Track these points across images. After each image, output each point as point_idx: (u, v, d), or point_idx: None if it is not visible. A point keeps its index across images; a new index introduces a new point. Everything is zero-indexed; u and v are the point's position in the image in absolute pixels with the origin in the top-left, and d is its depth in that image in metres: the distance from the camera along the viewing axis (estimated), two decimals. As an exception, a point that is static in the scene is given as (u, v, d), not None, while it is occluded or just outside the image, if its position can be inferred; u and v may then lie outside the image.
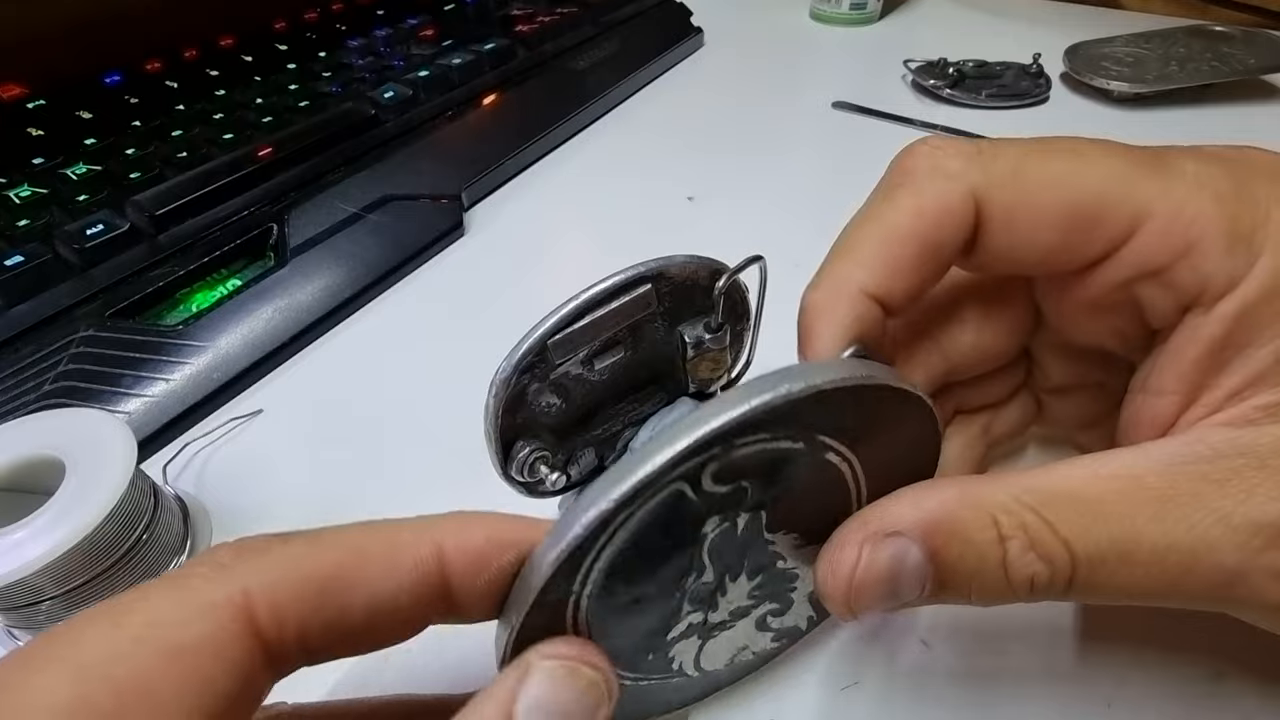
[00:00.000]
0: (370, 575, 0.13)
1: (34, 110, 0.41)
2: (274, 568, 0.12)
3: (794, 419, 0.14)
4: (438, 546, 0.13)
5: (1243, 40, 0.53)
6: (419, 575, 0.13)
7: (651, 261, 0.21)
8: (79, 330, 0.30)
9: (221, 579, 0.11)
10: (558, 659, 0.13)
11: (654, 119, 0.53)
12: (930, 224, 0.17)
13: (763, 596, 0.18)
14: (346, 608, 0.12)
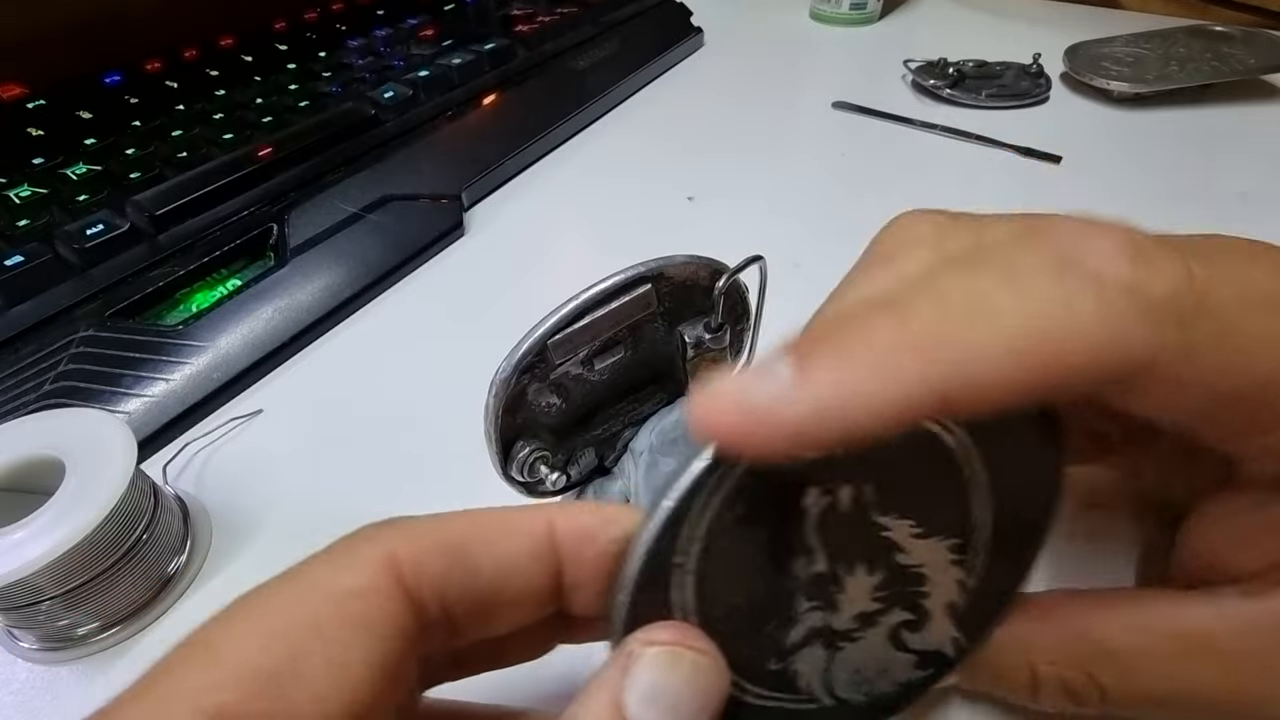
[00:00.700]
0: (493, 539, 0.13)
1: (34, 110, 0.41)
2: (410, 532, 0.13)
3: None
4: (548, 521, 0.14)
5: (1243, 40, 0.53)
6: (535, 542, 0.14)
7: (651, 261, 0.21)
8: (79, 330, 0.30)
9: (368, 541, 0.13)
10: (659, 644, 0.12)
11: (654, 119, 0.53)
12: None
13: (890, 600, 0.15)
14: (477, 568, 0.13)
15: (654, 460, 0.24)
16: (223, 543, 0.26)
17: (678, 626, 0.13)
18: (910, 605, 0.16)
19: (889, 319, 0.11)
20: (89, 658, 0.23)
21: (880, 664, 0.16)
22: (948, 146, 0.48)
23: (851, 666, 0.16)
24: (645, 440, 0.24)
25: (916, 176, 0.45)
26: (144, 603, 0.23)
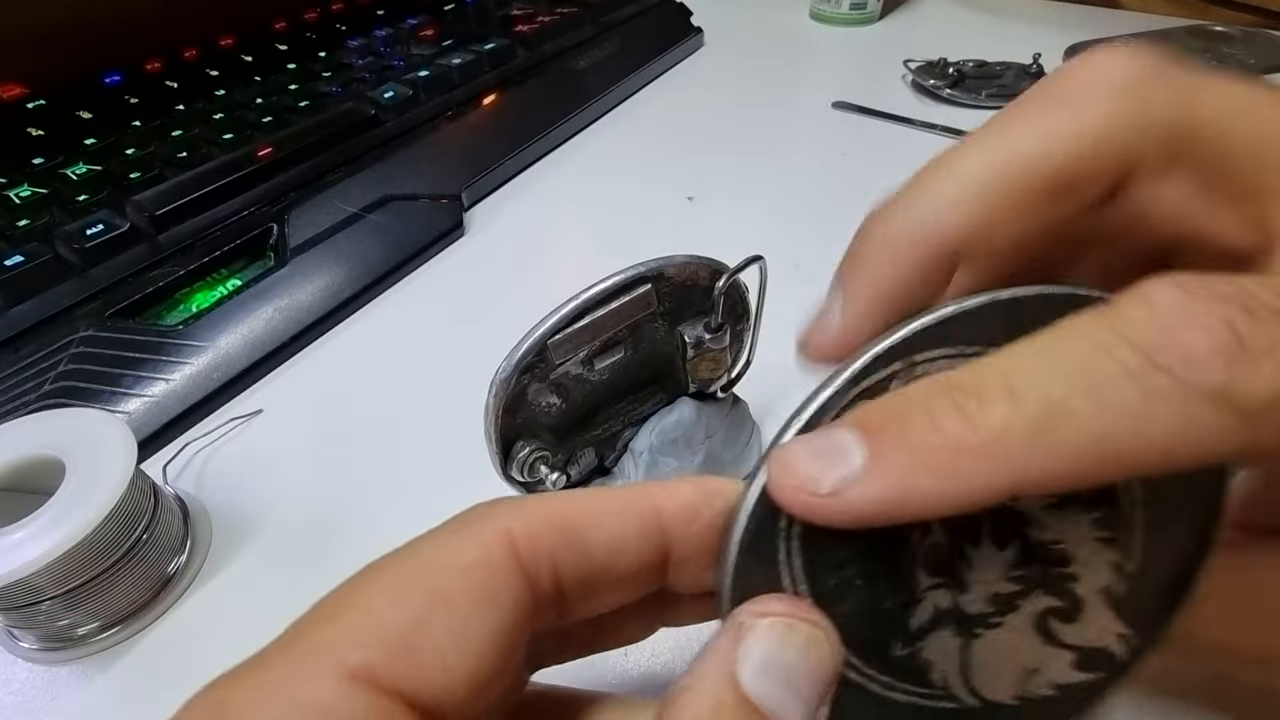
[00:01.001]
0: (604, 518, 0.14)
1: (34, 110, 0.41)
2: (525, 510, 0.13)
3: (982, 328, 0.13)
4: (654, 500, 0.14)
5: (1243, 40, 0.53)
6: (644, 521, 0.14)
7: (651, 261, 0.21)
8: (79, 330, 0.30)
9: (486, 518, 0.13)
10: (771, 616, 0.12)
11: (654, 119, 0.53)
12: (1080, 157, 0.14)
13: (1029, 581, 0.14)
14: (589, 546, 0.13)
15: (654, 460, 0.24)
16: (223, 543, 0.26)
17: (789, 599, 0.13)
18: (1056, 589, 0.14)
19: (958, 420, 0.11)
20: (89, 658, 0.23)
21: (1031, 660, 0.14)
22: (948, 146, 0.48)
23: (995, 660, 0.14)
24: (645, 440, 0.24)
25: (916, 176, 0.45)
26: (144, 603, 0.23)
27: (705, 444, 0.25)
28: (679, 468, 0.24)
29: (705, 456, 0.25)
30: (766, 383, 0.29)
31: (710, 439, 0.25)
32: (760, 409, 0.28)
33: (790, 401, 0.14)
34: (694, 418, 0.24)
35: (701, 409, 0.25)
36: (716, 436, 0.25)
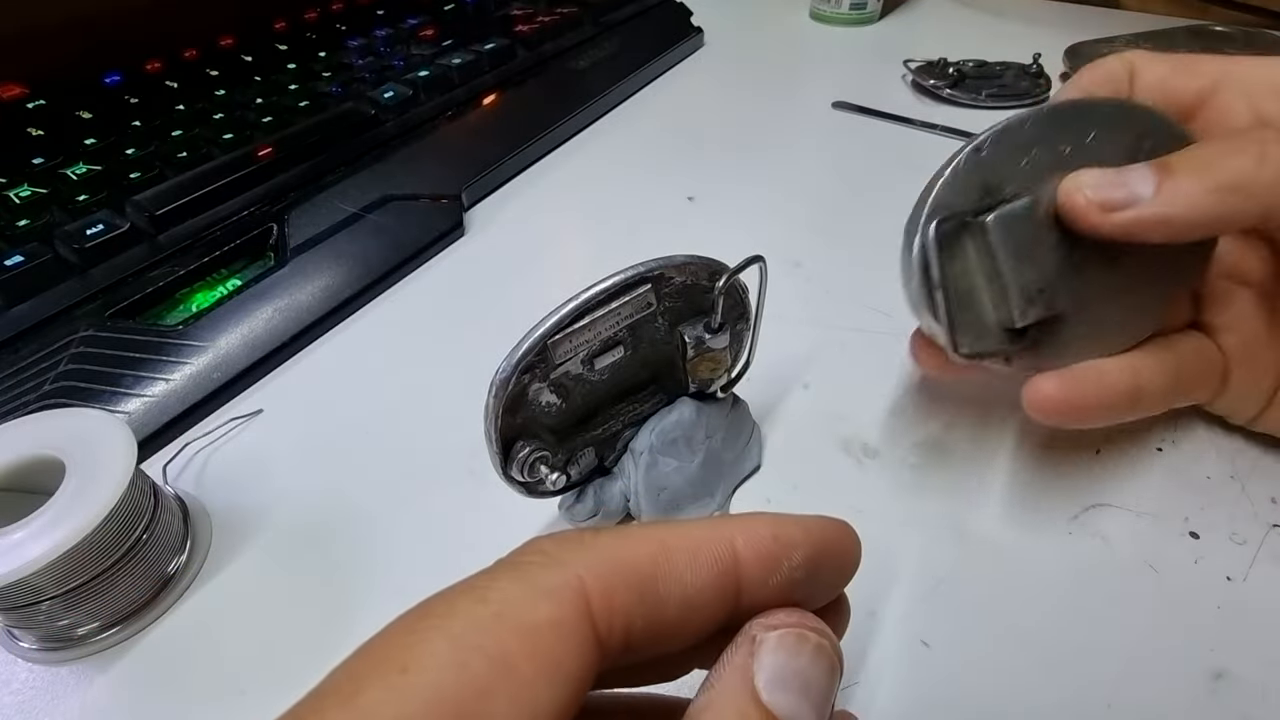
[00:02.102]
0: (680, 567, 0.13)
1: (34, 110, 0.41)
2: (600, 557, 0.12)
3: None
4: (733, 545, 0.13)
5: (1243, 40, 0.53)
6: (721, 573, 0.13)
7: (651, 261, 0.21)
8: (79, 330, 0.30)
9: (556, 565, 0.12)
10: (781, 627, 0.12)
11: (654, 119, 0.53)
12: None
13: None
14: (663, 601, 0.12)
15: (654, 460, 0.24)
16: (223, 543, 0.26)
17: (798, 610, 0.13)
18: None
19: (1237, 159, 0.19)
20: (89, 658, 0.23)
21: None
22: (948, 146, 0.47)
23: None
24: (645, 440, 0.24)
25: (916, 176, 0.45)
26: (144, 603, 0.23)
27: (705, 444, 0.25)
28: (679, 468, 0.24)
29: (705, 456, 0.25)
30: (766, 383, 0.29)
31: (710, 439, 0.25)
32: (760, 409, 0.28)
33: (791, 401, 0.14)
34: (694, 418, 0.24)
35: (701, 409, 0.25)
36: (716, 436, 0.25)
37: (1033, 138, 0.21)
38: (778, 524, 0.14)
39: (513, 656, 0.11)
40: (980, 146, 0.21)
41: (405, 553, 0.25)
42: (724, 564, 0.13)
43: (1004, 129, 0.21)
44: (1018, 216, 0.21)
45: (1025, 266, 0.21)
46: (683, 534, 0.13)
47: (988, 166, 0.21)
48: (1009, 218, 0.21)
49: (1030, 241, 0.21)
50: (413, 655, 0.11)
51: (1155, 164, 0.19)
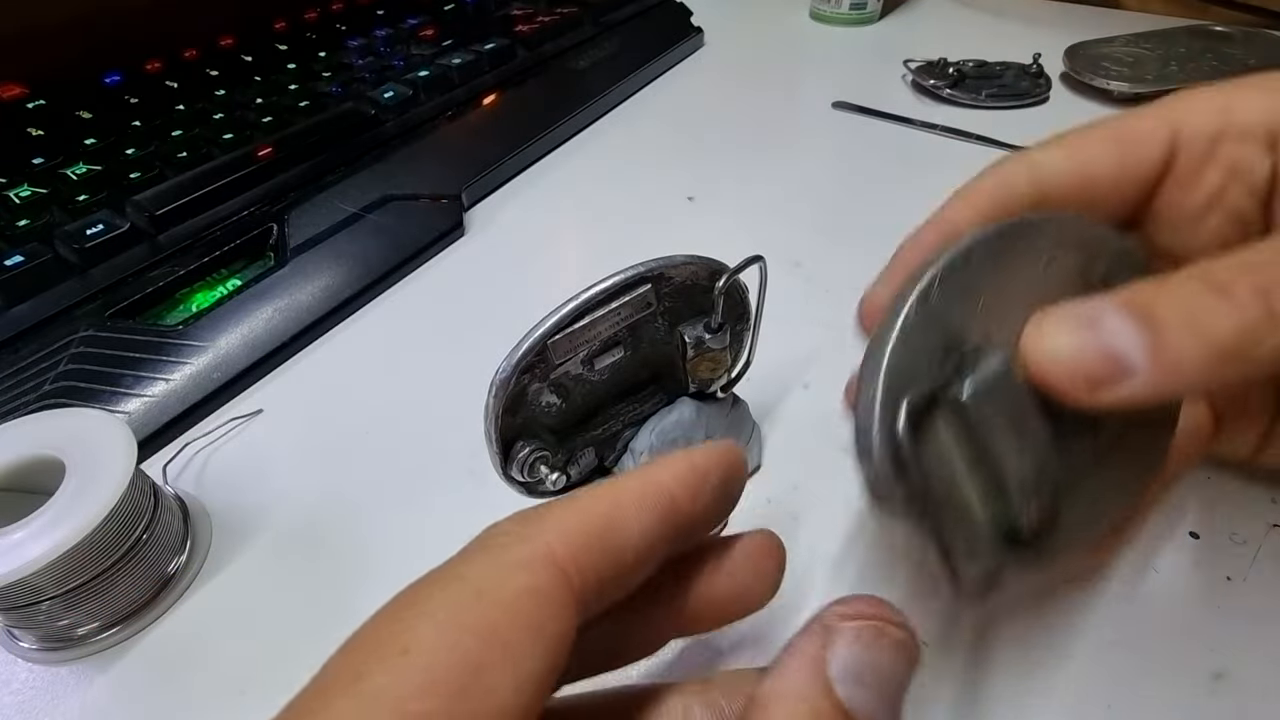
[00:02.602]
0: (630, 517, 0.14)
1: (34, 110, 0.41)
2: (562, 524, 0.13)
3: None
4: (665, 484, 0.14)
5: (1243, 40, 0.53)
6: (662, 511, 0.14)
7: (651, 261, 0.21)
8: (79, 330, 0.30)
9: (523, 540, 0.13)
10: (861, 619, 0.12)
11: (654, 119, 0.53)
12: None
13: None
14: (622, 550, 0.13)
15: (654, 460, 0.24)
16: (223, 543, 0.26)
17: (877, 600, 0.13)
18: None
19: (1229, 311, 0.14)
20: (89, 658, 0.23)
21: None
22: (948, 146, 0.48)
23: None
24: (645, 440, 0.24)
25: (916, 176, 0.45)
26: (144, 603, 0.23)
27: (705, 444, 0.25)
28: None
29: (705, 456, 0.25)
30: (766, 383, 0.29)
31: (710, 439, 0.25)
32: (760, 409, 0.28)
33: (791, 401, 0.14)
34: (694, 418, 0.24)
35: (701, 409, 0.25)
36: (716, 436, 0.25)
37: (983, 272, 0.17)
38: (689, 456, 0.15)
39: (500, 629, 0.11)
40: (927, 293, 0.16)
41: (405, 552, 0.25)
42: (663, 502, 0.14)
43: (948, 266, 0.16)
44: (996, 383, 0.16)
45: (1018, 447, 0.16)
46: (624, 487, 0.14)
47: (941, 316, 0.16)
48: (988, 387, 0.16)
49: (1015, 413, 0.16)
50: (410, 638, 0.11)
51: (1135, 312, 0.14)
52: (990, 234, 0.17)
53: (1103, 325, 0.14)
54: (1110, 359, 0.14)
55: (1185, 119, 0.18)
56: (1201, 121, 0.18)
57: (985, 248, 0.17)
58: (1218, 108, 0.17)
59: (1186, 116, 0.18)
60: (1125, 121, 0.19)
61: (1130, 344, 0.14)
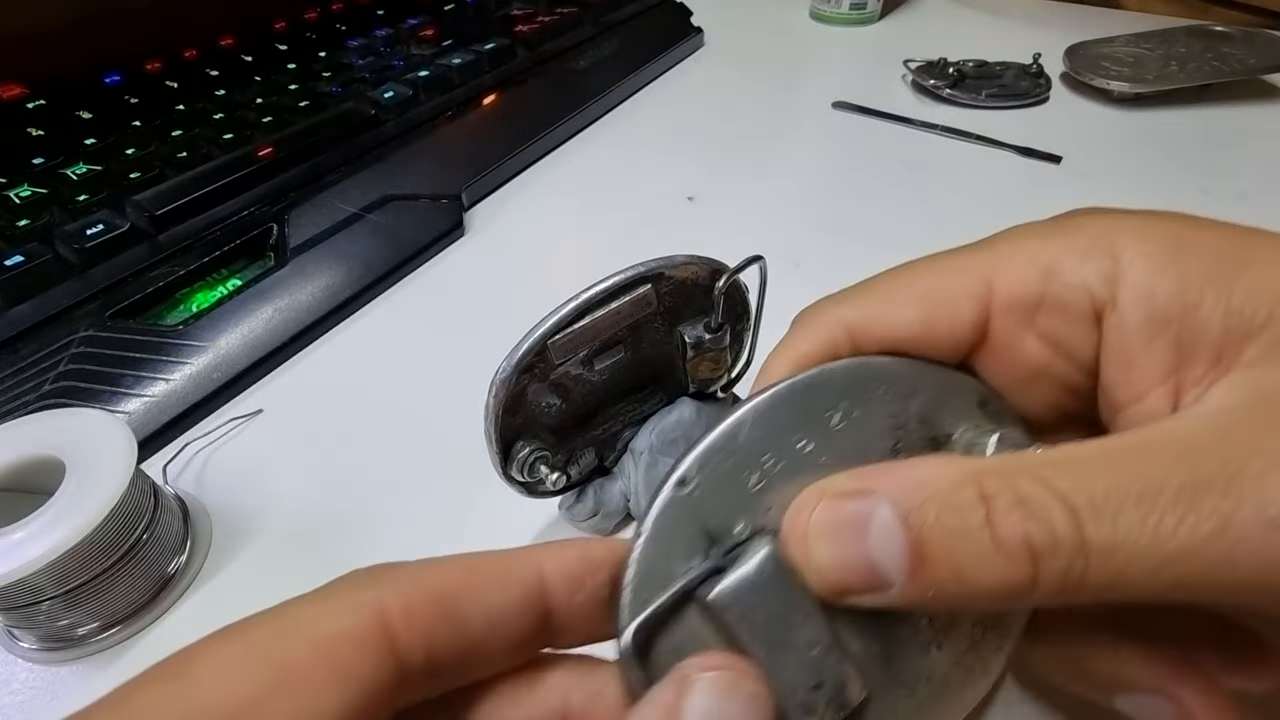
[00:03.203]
0: (486, 588, 0.13)
1: (34, 110, 0.41)
2: (405, 580, 0.13)
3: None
4: (539, 566, 0.14)
5: (1243, 40, 0.53)
6: (526, 592, 0.14)
7: (651, 261, 0.21)
8: (79, 330, 0.30)
9: (360, 587, 0.13)
10: (717, 669, 0.13)
11: (654, 119, 0.53)
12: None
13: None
14: (466, 620, 0.13)
15: (654, 460, 0.24)
16: (223, 543, 0.26)
17: (735, 657, 0.13)
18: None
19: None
20: (89, 658, 0.23)
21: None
22: (948, 146, 0.48)
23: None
24: (645, 440, 0.24)
25: (916, 176, 0.45)
26: (144, 603, 0.23)
27: (705, 444, 0.25)
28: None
29: (705, 456, 0.25)
30: (766, 383, 0.29)
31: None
32: (760, 409, 0.28)
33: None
34: (694, 418, 0.24)
35: (701, 409, 0.25)
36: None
37: (758, 443, 0.15)
38: (584, 545, 0.14)
39: (299, 664, 0.11)
40: (685, 478, 0.14)
41: (405, 553, 0.25)
42: (529, 583, 0.14)
43: (710, 448, 0.15)
44: (756, 578, 0.14)
45: (784, 651, 0.14)
46: (492, 559, 0.14)
47: (701, 504, 0.14)
48: (743, 585, 0.14)
49: (784, 607, 0.14)
50: (201, 662, 0.12)
51: (904, 524, 0.13)
52: (770, 397, 0.15)
53: (868, 532, 0.13)
54: (869, 572, 0.13)
55: (1001, 280, 0.16)
56: (1018, 286, 0.15)
57: (766, 412, 0.15)
58: (1039, 269, 0.15)
59: (1003, 277, 0.16)
60: (937, 277, 0.16)
61: (892, 563, 0.13)
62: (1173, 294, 0.14)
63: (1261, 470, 0.11)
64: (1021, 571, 0.12)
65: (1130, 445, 0.13)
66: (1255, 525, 0.11)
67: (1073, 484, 0.12)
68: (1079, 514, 0.12)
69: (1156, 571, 0.11)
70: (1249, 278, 0.13)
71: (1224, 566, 0.11)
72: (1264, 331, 0.13)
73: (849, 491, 0.13)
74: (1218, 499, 0.11)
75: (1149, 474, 0.12)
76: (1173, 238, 0.14)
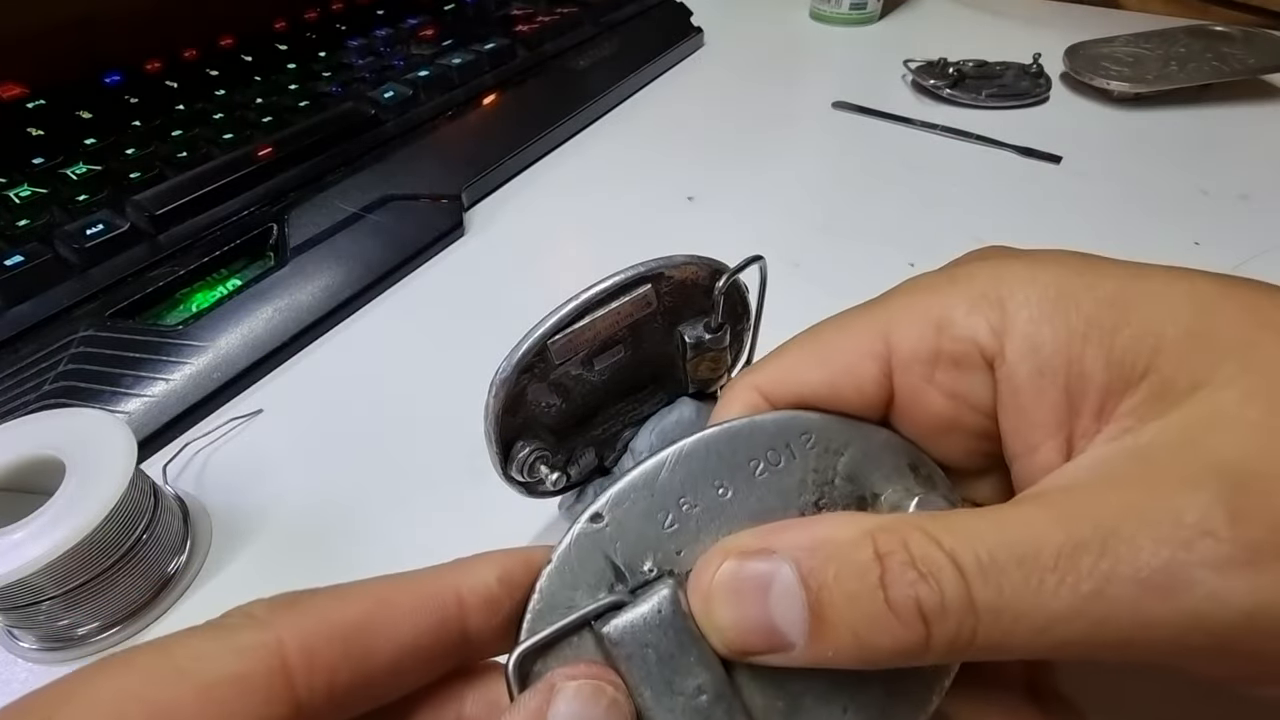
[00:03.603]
0: (396, 622, 0.13)
1: (34, 110, 0.41)
2: (305, 617, 0.13)
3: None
4: (457, 592, 0.14)
5: (1243, 40, 0.53)
6: (440, 620, 0.14)
7: (651, 261, 0.21)
8: (79, 330, 0.30)
9: (257, 626, 0.12)
10: (582, 678, 0.13)
11: (654, 119, 0.53)
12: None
13: None
14: (373, 653, 0.13)
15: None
16: (223, 543, 0.26)
17: (599, 666, 0.14)
18: None
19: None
20: (89, 658, 0.23)
21: None
22: (948, 146, 0.48)
23: None
24: (645, 440, 0.24)
25: (916, 176, 0.45)
26: (144, 603, 0.23)
27: (705, 444, 0.25)
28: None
29: (705, 456, 0.25)
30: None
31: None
32: (760, 409, 0.28)
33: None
34: (694, 418, 0.24)
35: (701, 409, 0.25)
36: (716, 436, 0.25)
37: (678, 486, 0.15)
38: (505, 565, 0.14)
39: (181, 709, 0.11)
40: (599, 513, 0.15)
41: (405, 553, 0.25)
42: (445, 611, 0.14)
43: (627, 485, 0.15)
44: (653, 618, 0.14)
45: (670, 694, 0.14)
46: (404, 587, 0.14)
47: (613, 540, 0.15)
48: (638, 624, 0.14)
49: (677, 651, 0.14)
50: (68, 702, 0.11)
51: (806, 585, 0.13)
52: (688, 445, 0.15)
53: (770, 594, 0.13)
54: (770, 633, 0.13)
55: (897, 337, 0.16)
56: (914, 341, 0.15)
57: (689, 456, 0.15)
58: (931, 324, 0.15)
59: (898, 333, 0.16)
60: (837, 339, 0.17)
61: (793, 626, 0.13)
62: (1058, 346, 0.14)
63: (1134, 532, 0.11)
64: (914, 633, 0.12)
65: (1015, 505, 0.13)
66: (1129, 585, 0.11)
67: (961, 543, 0.12)
68: (966, 574, 0.12)
69: (1043, 631, 0.12)
70: (1131, 327, 0.13)
71: (1106, 626, 0.11)
72: (1143, 382, 0.13)
73: (752, 551, 0.14)
74: (1094, 560, 0.11)
75: (1030, 535, 0.12)
76: (1057, 285, 0.14)
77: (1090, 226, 0.39)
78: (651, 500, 0.15)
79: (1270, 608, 0.11)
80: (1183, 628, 0.11)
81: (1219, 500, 0.11)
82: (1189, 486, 0.12)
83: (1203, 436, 0.12)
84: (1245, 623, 0.11)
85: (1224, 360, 0.13)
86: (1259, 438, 0.12)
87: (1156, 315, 0.13)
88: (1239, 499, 0.11)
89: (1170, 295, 0.13)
